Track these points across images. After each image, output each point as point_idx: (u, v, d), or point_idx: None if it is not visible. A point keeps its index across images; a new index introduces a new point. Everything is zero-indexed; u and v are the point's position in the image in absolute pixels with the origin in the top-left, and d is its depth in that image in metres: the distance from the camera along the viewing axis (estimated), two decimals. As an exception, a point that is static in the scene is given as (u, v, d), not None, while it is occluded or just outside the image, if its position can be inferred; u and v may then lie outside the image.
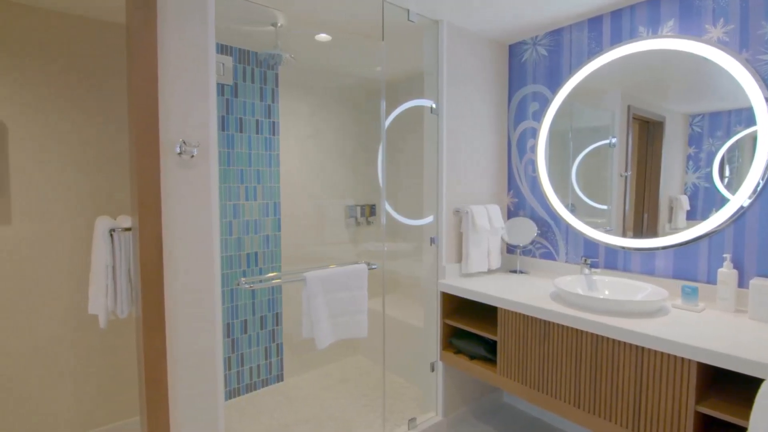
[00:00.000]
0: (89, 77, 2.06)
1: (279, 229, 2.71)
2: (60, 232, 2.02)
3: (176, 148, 1.29)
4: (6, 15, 1.87)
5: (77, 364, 2.07)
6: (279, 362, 2.72)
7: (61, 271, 2.02)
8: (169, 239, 1.28)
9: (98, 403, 2.13)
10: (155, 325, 1.23)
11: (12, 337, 1.92)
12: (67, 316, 2.04)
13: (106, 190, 2.12)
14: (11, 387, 1.92)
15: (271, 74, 2.70)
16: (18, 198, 1.92)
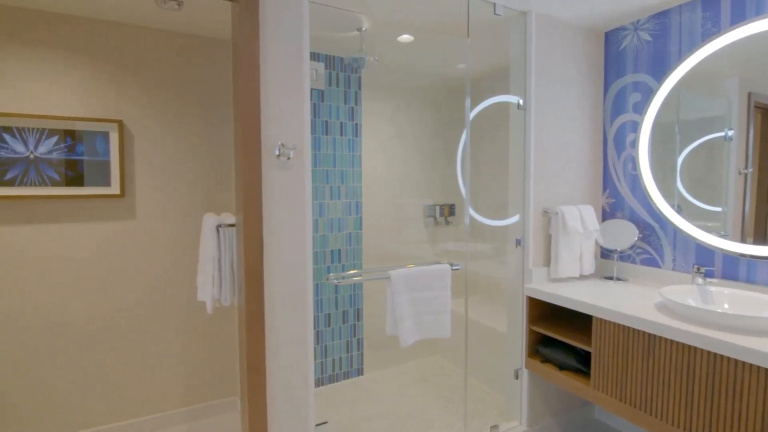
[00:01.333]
0: (196, 91, 2.31)
1: (360, 227, 2.79)
2: (173, 227, 2.28)
3: (275, 150, 1.38)
4: (125, 36, 2.16)
5: (185, 344, 2.33)
6: (359, 356, 2.80)
7: (175, 261, 2.29)
8: (269, 235, 1.38)
9: (199, 381, 2.37)
10: (256, 314, 1.34)
11: (132, 317, 2.22)
12: (179, 302, 2.30)
13: (211, 190, 2.35)
14: (132, 361, 2.22)
15: (354, 78, 2.79)
16: (141, 197, 2.21)
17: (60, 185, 2.04)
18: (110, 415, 2.18)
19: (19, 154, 1.97)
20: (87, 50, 2.08)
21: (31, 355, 2.02)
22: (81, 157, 2.08)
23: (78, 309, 2.10)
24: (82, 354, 2.12)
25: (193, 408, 2.35)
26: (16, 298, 1.99)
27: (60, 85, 2.04)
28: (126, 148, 2.17)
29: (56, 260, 2.05)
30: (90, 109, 2.10)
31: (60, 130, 2.04)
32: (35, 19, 1.98)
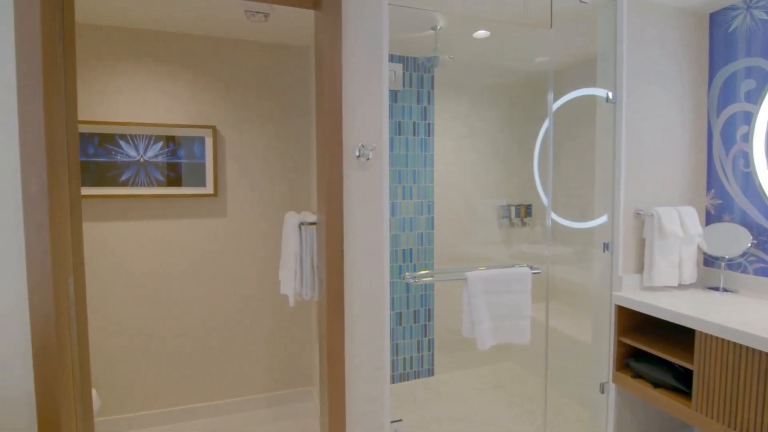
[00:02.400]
0: (277, 95, 2.45)
1: (432, 227, 2.77)
2: (259, 224, 2.44)
3: (355, 151, 1.42)
4: (219, 48, 2.35)
5: (268, 335, 2.49)
6: (430, 357, 2.79)
7: (260, 256, 2.45)
8: (348, 233, 1.43)
9: (279, 370, 2.52)
10: (337, 307, 1.39)
11: (223, 306, 2.41)
12: (264, 294, 2.47)
13: (291, 189, 2.49)
14: (221, 345, 2.41)
15: (427, 77, 2.78)
16: (231, 197, 2.40)
17: (164, 185, 2.28)
18: (202, 394, 2.39)
19: (132, 158, 2.23)
20: (186, 63, 2.30)
21: (140, 335, 2.29)
22: (181, 160, 2.30)
23: (177, 297, 2.33)
24: (181, 337, 2.35)
25: (273, 395, 2.50)
26: (128, 284, 2.26)
27: (164, 95, 2.28)
28: (218, 151, 2.37)
29: (161, 252, 2.30)
30: (189, 117, 2.32)
31: (164, 136, 2.27)
32: (143, 38, 2.23)
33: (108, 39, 2.18)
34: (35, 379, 1.14)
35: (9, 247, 1.13)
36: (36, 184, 1.13)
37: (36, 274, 1.13)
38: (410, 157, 2.72)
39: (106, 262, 2.22)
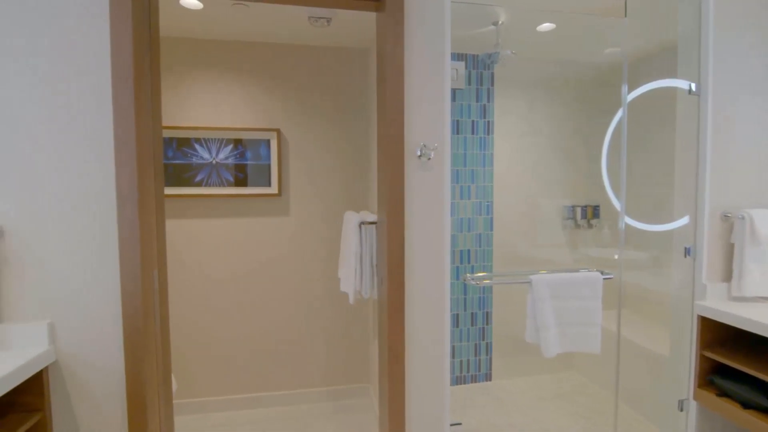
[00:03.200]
0: (335, 97, 2.51)
1: (491, 228, 2.70)
2: (319, 223, 2.52)
3: (417, 151, 1.42)
4: (282, 54, 2.45)
5: (327, 331, 2.56)
6: (488, 361, 2.72)
7: (321, 253, 2.53)
8: (409, 233, 1.43)
9: (338, 365, 2.58)
10: (397, 306, 1.40)
11: (285, 300, 2.51)
12: (324, 290, 2.54)
13: (349, 189, 2.54)
14: (285, 338, 2.52)
15: (487, 74, 2.72)
16: (294, 196, 2.49)
17: (233, 186, 2.42)
18: (267, 384, 2.51)
19: (205, 160, 2.40)
20: (253, 70, 2.43)
21: (209, 324, 2.45)
22: (248, 161, 2.43)
23: (244, 290, 2.47)
24: (247, 328, 2.48)
25: (332, 389, 2.57)
26: (200, 277, 2.43)
27: (234, 101, 2.42)
28: (282, 153, 2.48)
29: (230, 247, 2.45)
30: (256, 120, 2.44)
31: (233, 139, 2.42)
32: (216, 48, 2.38)
33: (185, 50, 2.36)
34: (125, 356, 1.26)
35: (107, 240, 1.25)
36: (128, 185, 1.24)
37: (127, 264, 1.25)
38: (468, 156, 2.67)
39: (181, 255, 2.41)
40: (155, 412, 1.33)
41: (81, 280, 1.25)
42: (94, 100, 1.24)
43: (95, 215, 1.25)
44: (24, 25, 1.20)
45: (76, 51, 1.23)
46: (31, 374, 1.14)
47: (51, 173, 1.22)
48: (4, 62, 1.19)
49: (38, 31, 1.21)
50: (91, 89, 1.24)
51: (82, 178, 1.24)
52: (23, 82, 1.20)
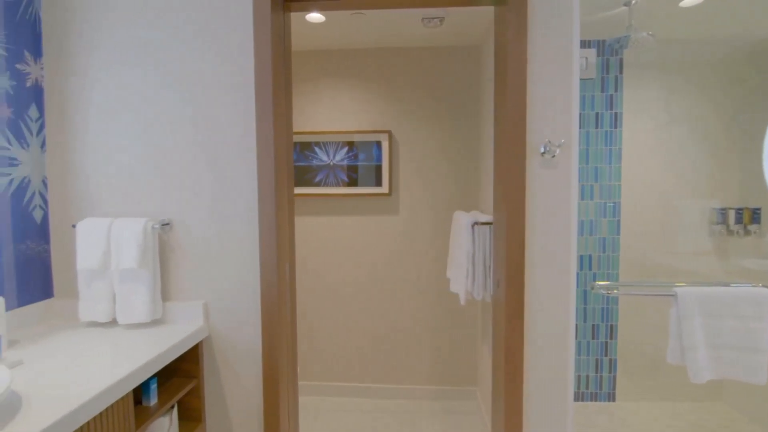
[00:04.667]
0: (444, 97, 2.49)
1: (618, 232, 2.43)
2: (428, 222, 2.54)
3: (541, 148, 1.34)
4: (394, 57, 2.50)
5: (434, 330, 2.56)
6: (611, 379, 2.46)
7: (429, 252, 2.54)
8: (530, 234, 1.36)
9: (445, 365, 2.56)
10: (516, 313, 1.33)
11: (394, 297, 2.58)
12: (432, 288, 2.55)
13: (458, 189, 2.51)
14: (395, 335, 2.59)
15: (614, 61, 2.45)
16: (403, 195, 2.55)
17: (347, 185, 2.57)
18: (375, 376, 2.61)
19: (324, 162, 2.58)
20: (367, 75, 2.54)
21: (325, 313, 2.63)
22: (362, 162, 2.55)
23: (356, 283, 2.60)
24: (357, 320, 2.61)
25: (438, 388, 2.57)
26: (318, 270, 2.62)
27: (349, 105, 2.56)
28: (393, 154, 2.55)
29: (344, 244, 2.60)
30: (369, 123, 2.55)
31: (347, 142, 2.56)
32: (333, 58, 2.54)
33: (307, 62, 2.56)
34: (262, 337, 1.41)
35: (250, 235, 1.42)
36: (267, 186, 1.39)
37: (266, 257, 1.39)
38: (591, 152, 2.44)
39: (299, 250, 2.62)
40: (285, 387, 1.47)
41: (228, 268, 1.43)
42: (239, 113, 1.41)
43: (240, 213, 1.42)
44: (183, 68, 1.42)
45: (224, 74, 1.41)
46: (191, 345, 1.35)
47: (207, 177, 1.43)
48: (167, 93, 1.42)
49: (194, 62, 1.42)
50: (236, 102, 1.41)
51: (230, 181, 1.42)
52: (180, 104, 1.42)
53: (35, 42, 1.44)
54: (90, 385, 0.97)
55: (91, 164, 1.46)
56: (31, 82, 1.43)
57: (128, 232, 1.34)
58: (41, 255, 1.46)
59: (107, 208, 1.46)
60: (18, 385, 0.97)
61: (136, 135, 1.44)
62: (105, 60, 1.44)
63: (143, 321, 1.35)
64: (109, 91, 1.44)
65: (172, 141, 1.43)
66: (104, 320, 1.37)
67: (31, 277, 1.42)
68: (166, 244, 1.45)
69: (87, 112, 1.45)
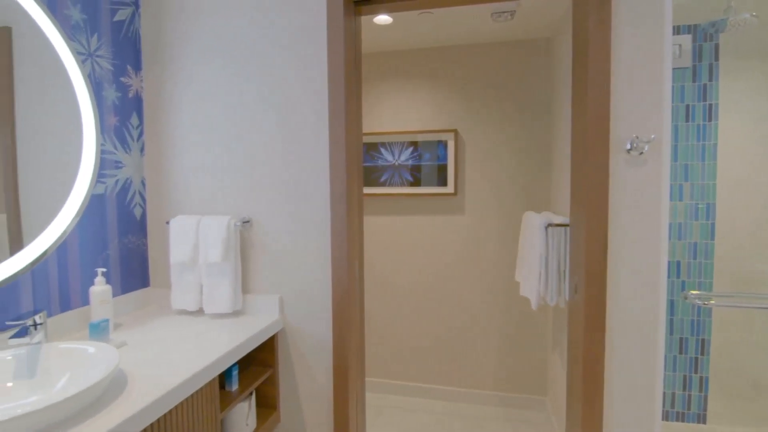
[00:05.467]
0: (512, 93, 2.40)
1: (711, 236, 2.19)
2: (495, 223, 2.47)
3: (626, 144, 1.25)
4: (460, 55, 2.45)
5: (501, 335, 2.48)
6: (701, 399, 2.22)
7: (497, 253, 2.47)
8: (614, 238, 1.26)
9: (511, 372, 2.47)
10: (596, 321, 1.25)
11: (458, 299, 2.53)
12: (499, 291, 2.48)
13: (528, 188, 2.41)
14: (459, 337, 2.54)
15: (708, 47, 2.21)
16: (469, 195, 2.50)
17: (412, 185, 2.57)
18: (438, 377, 2.59)
19: (389, 162, 2.60)
20: (434, 74, 2.52)
21: (389, 312, 2.65)
22: (427, 162, 2.54)
23: (420, 282, 2.60)
24: (421, 320, 2.60)
25: (504, 395, 2.49)
26: (383, 268, 2.65)
27: (414, 105, 2.56)
28: (459, 153, 2.51)
29: (408, 243, 2.60)
30: (435, 122, 2.53)
31: (412, 142, 2.56)
32: (399, 58, 2.55)
33: (370, 62, 2.60)
34: (333, 332, 1.46)
35: (323, 234, 1.47)
36: (339, 186, 1.43)
37: (337, 254, 1.44)
38: (681, 148, 2.22)
39: (368, 249, 2.67)
40: (353, 381, 1.51)
41: (302, 264, 1.50)
42: (314, 115, 1.47)
43: (314, 212, 1.48)
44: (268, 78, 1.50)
45: (302, 79, 1.47)
46: (268, 336, 1.43)
47: (284, 177, 1.50)
48: (249, 99, 1.51)
49: (274, 74, 1.50)
50: (312, 105, 1.47)
51: (305, 181, 1.48)
52: (261, 110, 1.51)
53: (136, 57, 1.61)
54: (183, 368, 1.06)
55: (182, 166, 1.59)
56: (132, 93, 1.59)
57: (214, 228, 1.44)
58: (140, 248, 1.62)
59: (196, 206, 1.58)
60: (123, 364, 1.09)
61: (220, 139, 1.55)
62: (192, 70, 1.57)
63: (226, 311, 1.46)
64: (196, 98, 1.57)
65: (253, 144, 1.52)
66: (192, 309, 1.49)
67: (131, 268, 1.58)
68: (246, 240, 1.54)
69: (178, 119, 1.59)
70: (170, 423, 0.98)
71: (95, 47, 1.44)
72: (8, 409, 0.91)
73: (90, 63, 1.42)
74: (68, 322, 1.31)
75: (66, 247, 1.33)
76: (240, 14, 1.51)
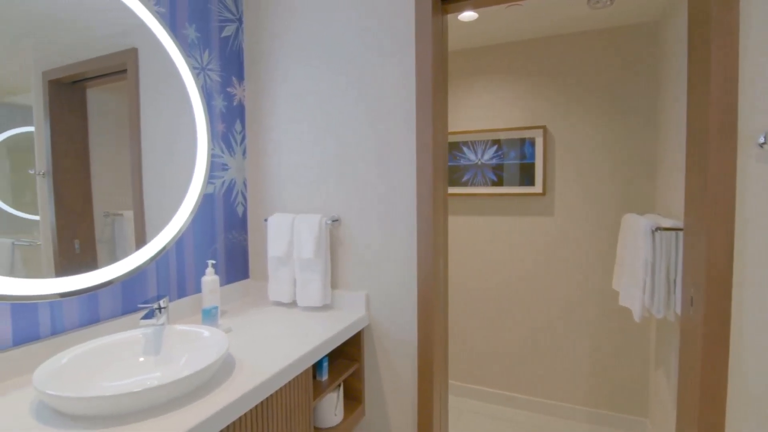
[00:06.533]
0: (608, 85, 2.19)
1: None
2: (588, 225, 2.29)
3: (759, 138, 1.08)
4: (552, 46, 2.30)
5: (594, 345, 2.30)
6: None
7: (587, 258, 2.30)
8: (741, 246, 1.10)
9: (604, 387, 2.28)
10: (717, 340, 1.10)
11: (548, 304, 2.39)
12: (592, 300, 2.30)
13: (626, 189, 2.20)
14: (546, 343, 2.41)
15: None
16: (559, 195, 2.35)
17: (496, 185, 2.48)
18: (521, 386, 2.47)
19: (471, 161, 2.54)
20: (521, 68, 2.41)
21: (471, 314, 2.59)
22: (512, 161, 2.44)
23: (504, 286, 2.50)
24: (504, 325, 2.51)
25: (595, 412, 2.30)
26: (464, 269, 2.60)
27: (499, 102, 2.47)
28: (548, 151, 2.37)
29: (492, 244, 2.52)
30: (521, 119, 2.42)
31: (497, 140, 2.47)
32: (483, 54, 2.48)
33: (453, 60, 2.56)
34: (418, 330, 1.46)
35: (408, 233, 1.48)
36: (425, 186, 1.43)
37: (423, 253, 1.44)
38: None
39: (450, 249, 2.63)
40: (438, 381, 1.50)
41: (388, 263, 1.52)
42: (401, 115, 1.48)
43: (400, 211, 1.50)
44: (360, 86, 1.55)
45: (390, 79, 1.50)
46: (356, 331, 1.47)
47: (371, 177, 1.54)
48: (341, 102, 1.57)
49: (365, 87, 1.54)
50: (400, 106, 1.49)
51: (392, 181, 1.51)
52: (356, 109, 1.56)
53: (239, 68, 1.76)
54: (282, 355, 1.13)
55: (278, 167, 1.71)
56: (236, 101, 1.75)
57: (306, 226, 1.53)
58: (242, 243, 1.77)
59: (291, 204, 1.69)
60: (230, 348, 1.20)
61: (312, 140, 1.64)
62: (287, 73, 1.67)
63: (316, 305, 1.53)
64: (291, 97, 1.67)
65: (344, 143, 1.59)
66: (287, 301, 1.60)
67: (234, 261, 1.73)
68: (335, 238, 1.61)
69: (274, 123, 1.71)
70: (271, 406, 1.05)
71: (207, 62, 1.60)
72: (143, 380, 1.05)
73: (203, 76, 1.58)
74: (184, 307, 1.47)
75: (183, 240, 1.50)
76: (331, 15, 1.58)
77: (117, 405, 0.81)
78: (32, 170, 1.07)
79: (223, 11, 1.66)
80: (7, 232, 1.02)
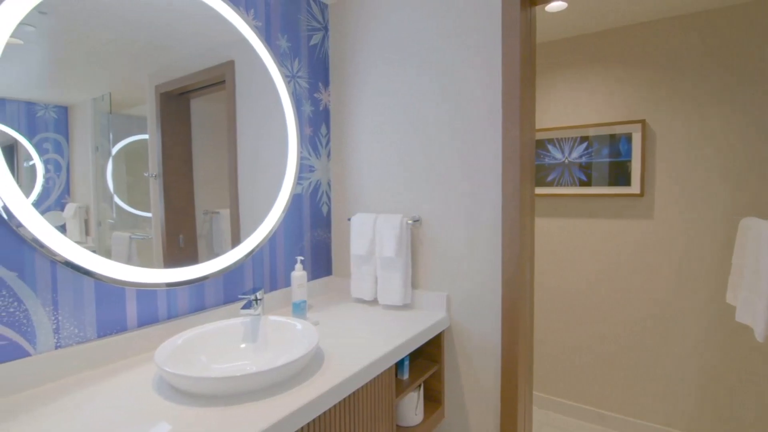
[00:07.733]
0: (716, 72, 1.92)
1: None
2: (692, 230, 2.04)
3: None
4: (651, 33, 2.08)
5: (702, 363, 2.05)
6: None
7: (694, 265, 2.05)
8: None
9: (716, 412, 2.01)
10: None
11: (647, 317, 2.18)
12: (699, 314, 2.05)
13: (743, 191, 1.92)
14: (644, 360, 2.19)
15: None
16: (660, 197, 2.12)
17: (585, 185, 2.31)
18: (613, 404, 2.28)
19: (558, 160, 2.40)
20: (614, 58, 2.22)
21: (557, 321, 2.45)
22: (604, 159, 2.26)
23: (595, 295, 2.32)
24: (594, 335, 2.33)
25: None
26: (551, 274, 2.46)
27: (588, 96, 2.29)
28: (647, 148, 2.16)
29: (581, 249, 2.36)
30: (615, 113, 2.23)
31: (587, 137, 2.30)
32: (571, 46, 2.32)
33: (540, 54, 2.43)
34: (502, 335, 1.42)
35: (493, 233, 1.44)
36: (511, 186, 1.38)
37: (508, 256, 1.39)
38: None
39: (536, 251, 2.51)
40: (522, 388, 1.44)
41: (470, 264, 1.49)
42: (487, 113, 1.44)
43: (484, 211, 1.46)
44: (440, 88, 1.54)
45: (475, 77, 1.46)
46: (437, 332, 1.47)
47: (454, 177, 1.52)
48: (423, 105, 1.57)
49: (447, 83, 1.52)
50: (485, 103, 1.45)
51: (476, 180, 1.47)
52: (438, 107, 1.55)
53: (325, 74, 1.84)
54: (367, 351, 1.16)
55: (360, 168, 1.76)
56: (322, 106, 1.83)
57: (388, 225, 1.55)
58: (326, 241, 1.85)
59: (373, 204, 1.73)
60: (320, 341, 1.25)
61: (393, 142, 1.66)
62: (370, 71, 1.71)
63: (397, 303, 1.55)
64: (373, 106, 1.71)
65: (426, 142, 1.59)
66: (368, 298, 1.64)
67: (319, 258, 1.82)
68: (416, 238, 1.62)
69: (357, 127, 1.76)
70: (358, 400, 1.09)
71: (297, 69, 1.70)
72: (244, 365, 1.14)
73: (293, 83, 1.68)
74: (275, 300, 1.58)
75: (275, 237, 1.60)
76: (414, 10, 1.58)
77: (228, 386, 0.89)
78: (146, 173, 1.22)
79: (311, 21, 1.75)
80: (125, 227, 1.17)
